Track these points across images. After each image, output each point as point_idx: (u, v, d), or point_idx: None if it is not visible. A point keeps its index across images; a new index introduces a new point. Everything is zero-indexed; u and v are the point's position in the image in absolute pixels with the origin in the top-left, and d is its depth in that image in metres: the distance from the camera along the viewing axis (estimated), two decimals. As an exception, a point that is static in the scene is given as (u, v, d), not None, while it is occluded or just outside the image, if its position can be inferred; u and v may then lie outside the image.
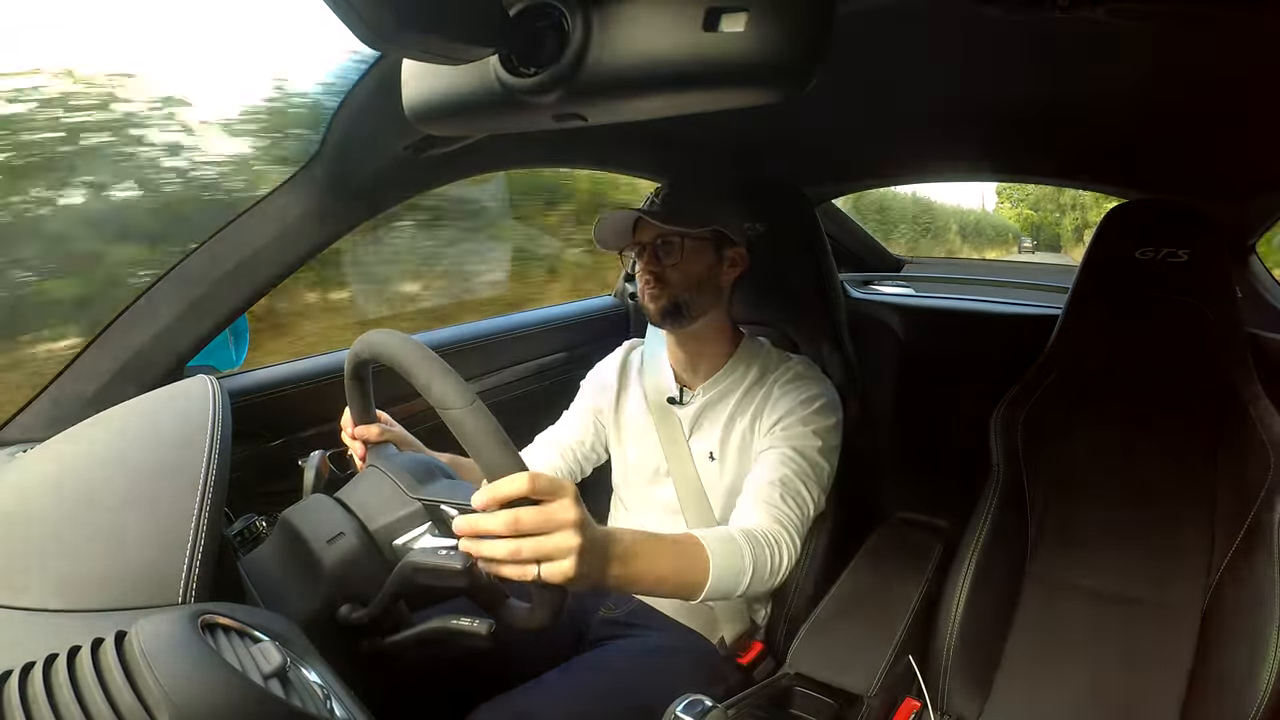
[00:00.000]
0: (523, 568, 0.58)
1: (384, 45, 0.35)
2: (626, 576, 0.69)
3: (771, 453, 0.97)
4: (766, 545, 0.85)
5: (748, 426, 1.02)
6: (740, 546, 0.82)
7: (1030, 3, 0.58)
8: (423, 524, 0.66)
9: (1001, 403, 1.15)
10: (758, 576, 0.83)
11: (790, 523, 0.90)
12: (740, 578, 0.81)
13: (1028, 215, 11.73)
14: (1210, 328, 1.03)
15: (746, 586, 0.82)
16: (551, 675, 0.87)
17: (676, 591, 0.77)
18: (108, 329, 0.82)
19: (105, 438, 0.61)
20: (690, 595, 0.78)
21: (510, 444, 0.59)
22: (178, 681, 0.36)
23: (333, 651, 0.59)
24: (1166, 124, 0.96)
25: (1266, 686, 0.84)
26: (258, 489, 0.99)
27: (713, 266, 1.03)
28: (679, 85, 0.38)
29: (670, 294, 1.00)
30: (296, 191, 0.87)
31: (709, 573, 0.78)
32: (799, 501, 0.92)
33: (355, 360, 0.73)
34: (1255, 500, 0.96)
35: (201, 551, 0.49)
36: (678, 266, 1.00)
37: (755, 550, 0.83)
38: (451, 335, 1.36)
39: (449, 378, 0.60)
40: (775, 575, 0.86)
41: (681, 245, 1.00)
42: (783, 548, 0.87)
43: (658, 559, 0.74)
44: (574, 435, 1.14)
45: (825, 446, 0.99)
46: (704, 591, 0.78)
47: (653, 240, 1.01)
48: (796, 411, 0.99)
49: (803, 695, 0.92)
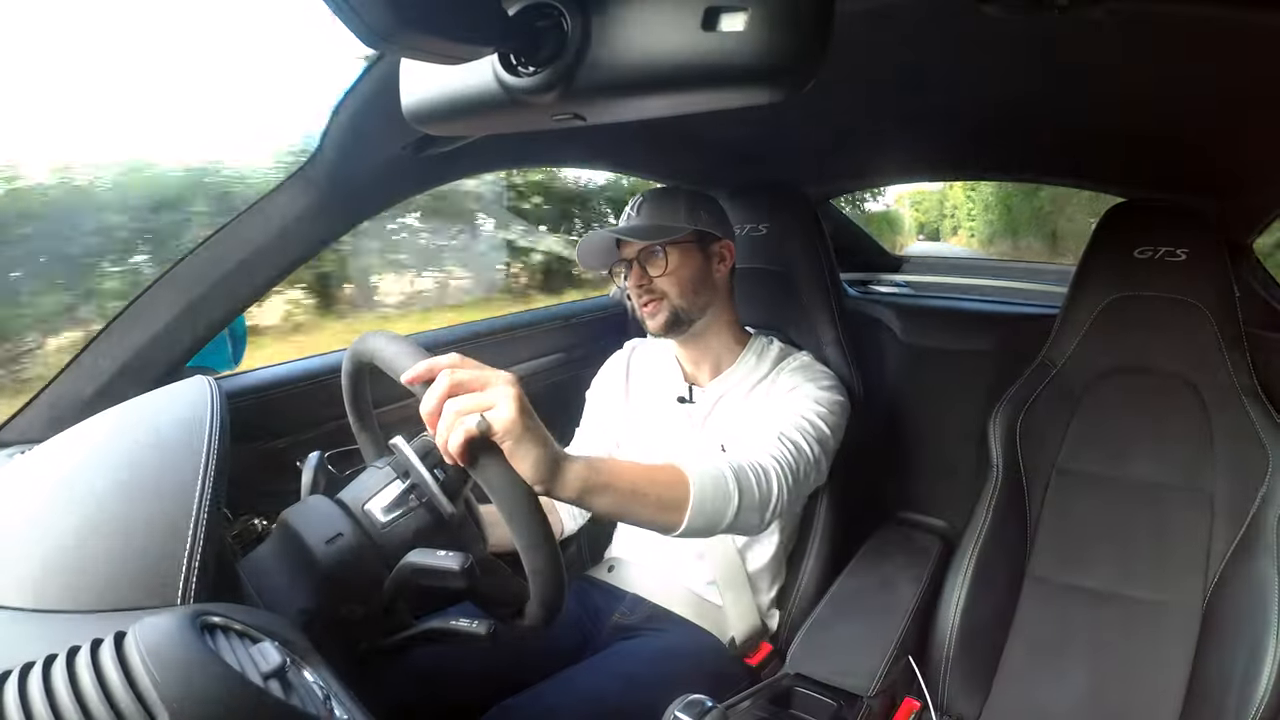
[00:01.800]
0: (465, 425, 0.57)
1: (383, 45, 0.35)
2: (594, 481, 0.65)
3: (773, 414, 0.97)
4: (754, 474, 0.81)
5: (757, 410, 1.02)
6: (724, 473, 0.78)
7: (1030, 3, 0.58)
8: (389, 482, 0.66)
9: (1000, 402, 1.15)
10: (745, 504, 0.78)
11: (784, 460, 0.86)
12: (726, 505, 0.76)
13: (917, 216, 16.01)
14: (1208, 326, 1.03)
15: (733, 517, 0.77)
16: (560, 677, 0.87)
17: (654, 514, 0.72)
18: (106, 329, 0.82)
19: (104, 438, 0.61)
20: (670, 519, 0.73)
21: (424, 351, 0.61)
22: (176, 682, 0.36)
23: (333, 651, 0.59)
24: (1166, 124, 0.96)
25: (1266, 686, 0.84)
26: (258, 489, 0.99)
27: (703, 266, 1.03)
28: (678, 85, 0.38)
29: (669, 305, 1.00)
30: (295, 191, 0.87)
31: (690, 495, 0.73)
32: (795, 447, 0.89)
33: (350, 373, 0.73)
34: (1254, 500, 0.96)
35: (201, 552, 0.49)
36: (667, 275, 1.00)
37: (741, 478, 0.79)
38: (451, 335, 1.36)
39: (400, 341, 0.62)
40: (765, 508, 0.82)
41: (666, 254, 0.99)
42: (773, 479, 0.83)
43: (630, 471, 0.70)
44: (591, 449, 1.14)
45: (830, 416, 0.97)
46: (686, 515, 0.73)
47: (637, 255, 1.01)
48: (804, 386, 0.99)
49: (803, 695, 0.92)
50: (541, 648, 0.93)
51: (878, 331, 1.48)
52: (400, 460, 0.66)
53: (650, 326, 1.02)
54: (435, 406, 0.58)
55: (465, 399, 0.58)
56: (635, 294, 1.02)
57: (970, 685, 1.04)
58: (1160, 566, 1.03)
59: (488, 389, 0.59)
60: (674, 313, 1.01)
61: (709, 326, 1.05)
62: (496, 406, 0.58)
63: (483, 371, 0.60)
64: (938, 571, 1.16)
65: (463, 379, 0.59)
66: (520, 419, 0.59)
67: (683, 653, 0.97)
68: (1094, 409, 1.11)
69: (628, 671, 0.90)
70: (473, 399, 0.58)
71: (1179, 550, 1.02)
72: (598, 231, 1.02)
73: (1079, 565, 1.08)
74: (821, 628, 1.00)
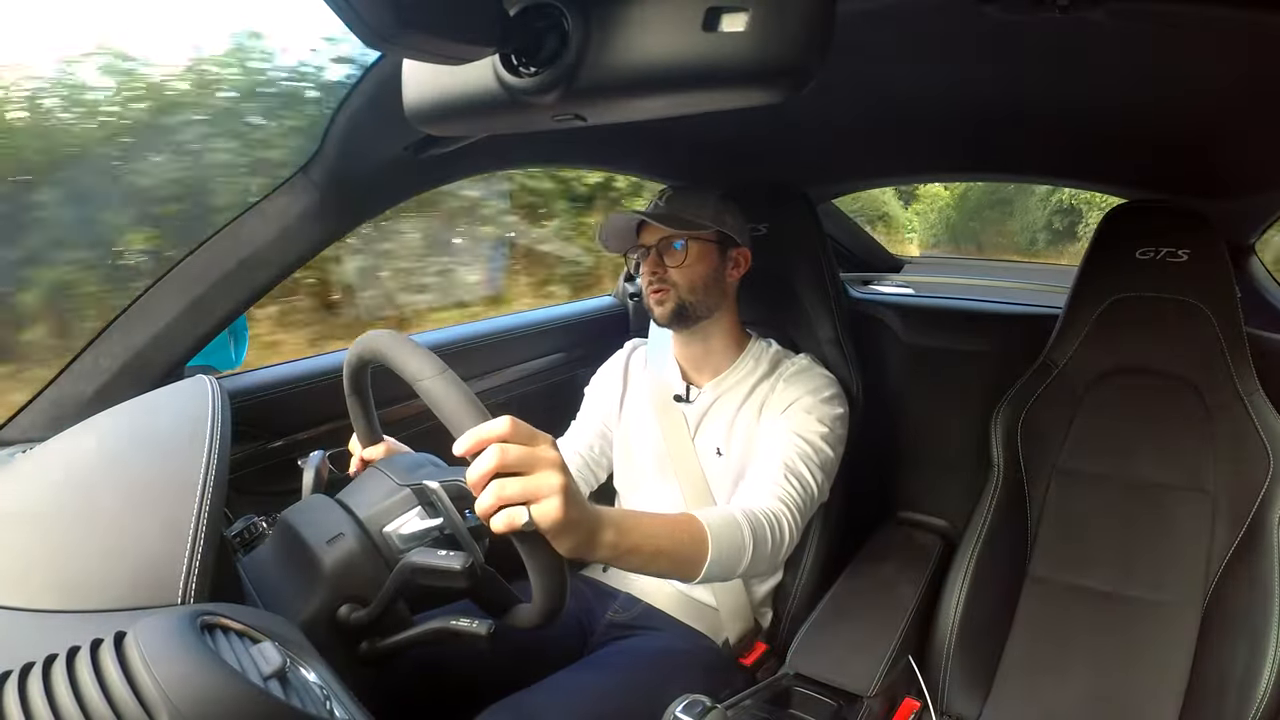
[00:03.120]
0: (511, 516, 0.56)
1: (384, 45, 0.35)
2: (623, 545, 0.66)
3: (776, 437, 0.97)
4: (767, 523, 0.84)
5: (754, 418, 1.02)
6: (740, 525, 0.80)
7: (1030, 3, 0.58)
8: (411, 509, 0.66)
9: (1001, 402, 1.15)
10: (759, 554, 0.81)
11: (792, 501, 0.88)
12: (741, 556, 0.79)
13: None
14: (1210, 327, 1.03)
15: (747, 565, 0.80)
16: (557, 676, 0.87)
17: (675, 568, 0.74)
18: (107, 329, 0.82)
19: (105, 438, 0.61)
20: (689, 573, 0.75)
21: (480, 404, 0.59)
22: (177, 682, 0.36)
23: (333, 651, 0.59)
24: (1166, 124, 0.96)
25: (1266, 686, 0.84)
26: (258, 489, 0.99)
27: (717, 268, 1.03)
28: (679, 85, 0.38)
29: (676, 296, 1.00)
30: (296, 191, 0.87)
31: (709, 550, 0.75)
32: (801, 482, 0.91)
33: (352, 369, 0.73)
34: (1255, 500, 0.96)
35: (201, 552, 0.49)
36: (682, 269, 1.00)
37: (755, 528, 0.81)
38: (451, 336, 1.36)
39: (418, 351, 0.60)
40: (777, 554, 0.85)
41: (686, 248, 1.00)
42: (784, 525, 0.85)
43: (655, 531, 0.71)
44: (584, 441, 1.14)
45: (831, 435, 0.98)
46: (704, 569, 0.75)
47: (657, 243, 1.01)
48: (804, 400, 0.99)
49: (803, 695, 0.92)
50: (539, 646, 0.93)
51: (878, 331, 1.48)
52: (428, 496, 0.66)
53: (656, 313, 1.03)
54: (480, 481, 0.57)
55: (512, 487, 0.57)
56: (646, 281, 1.02)
57: (970, 685, 1.04)
58: (1161, 567, 1.03)
59: (535, 474, 0.58)
60: (680, 305, 1.01)
61: (712, 328, 1.05)
62: (542, 500, 0.57)
63: (533, 451, 0.58)
64: (938, 571, 1.16)
65: (510, 461, 0.57)
66: (565, 516, 0.58)
67: (678, 652, 0.97)
68: (1095, 409, 1.11)
69: (624, 672, 0.90)
70: (519, 488, 0.57)
71: (1180, 550, 1.02)
72: (623, 213, 1.02)
73: (1080, 565, 1.08)
74: (821, 627, 1.00)
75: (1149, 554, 1.04)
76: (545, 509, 0.57)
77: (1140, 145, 1.09)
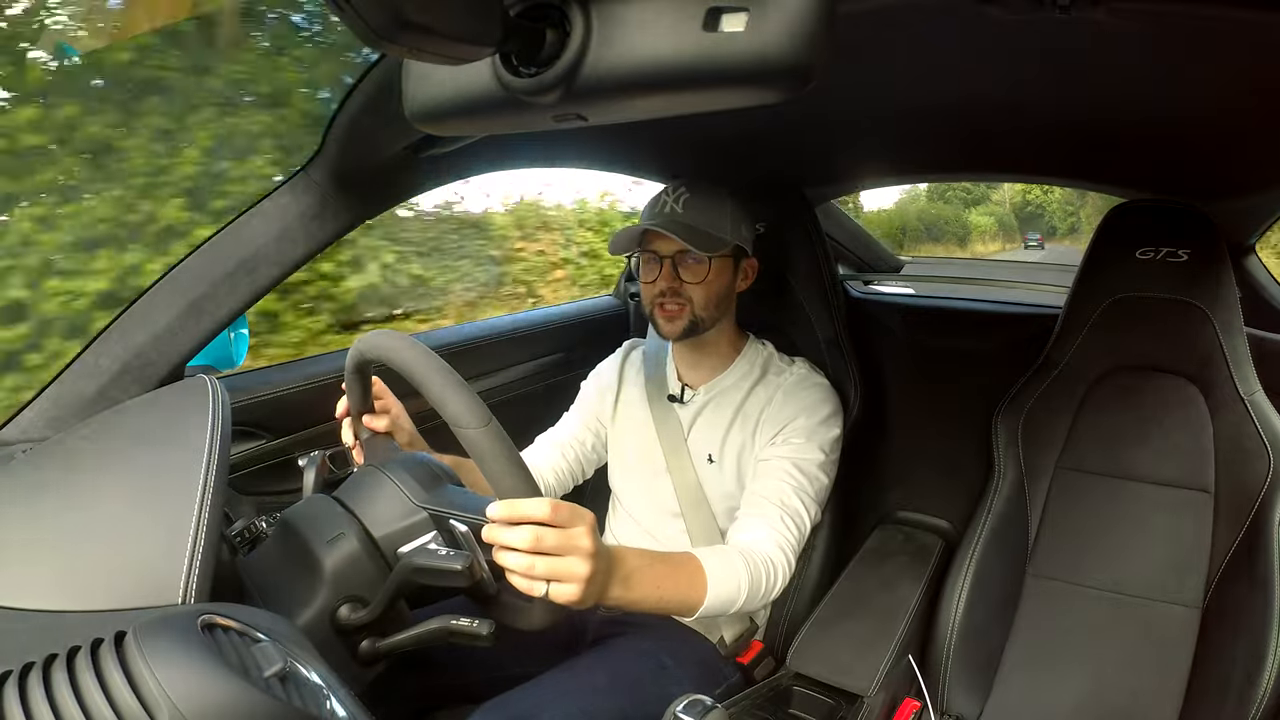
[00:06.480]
0: (532, 584, 0.61)
1: (384, 45, 0.35)
2: (627, 598, 0.71)
3: (773, 464, 0.97)
4: (764, 567, 0.87)
5: (749, 434, 1.02)
6: (738, 570, 0.84)
7: (1030, 3, 0.58)
8: (428, 533, 0.65)
9: (1002, 402, 1.15)
10: (751, 597, 0.85)
11: (789, 545, 0.92)
12: (735, 598, 0.84)
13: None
14: (1210, 327, 1.03)
15: (740, 606, 0.84)
16: (552, 675, 0.87)
17: (674, 610, 0.80)
18: (108, 329, 0.82)
19: (105, 438, 0.61)
20: (684, 614, 0.81)
21: (527, 468, 0.61)
22: (177, 682, 0.36)
23: (333, 651, 0.59)
24: (1166, 124, 0.96)
25: (1266, 686, 0.84)
26: (258, 489, 0.99)
27: (730, 281, 1.02)
28: (679, 85, 0.38)
29: (690, 314, 0.98)
30: (296, 191, 0.87)
31: (706, 594, 0.80)
32: (798, 523, 0.94)
33: (359, 359, 0.73)
34: (1255, 500, 0.96)
35: (201, 551, 0.49)
36: (702, 284, 0.97)
37: (753, 573, 0.85)
38: (451, 335, 1.36)
39: (464, 394, 0.60)
40: (769, 596, 0.89)
41: (709, 265, 0.97)
42: (778, 571, 0.89)
43: (660, 581, 0.76)
44: (574, 435, 1.14)
45: (826, 461, 0.99)
46: (699, 610, 0.80)
47: (673, 255, 0.98)
48: (799, 421, 0.99)
49: (803, 695, 0.92)
50: (537, 642, 0.93)
51: (878, 331, 1.48)
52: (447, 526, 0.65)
53: (666, 330, 1.00)
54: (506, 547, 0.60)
55: (540, 566, 0.60)
56: (658, 291, 0.98)
57: (971, 685, 1.04)
58: (1161, 566, 1.03)
59: (565, 558, 0.61)
60: (694, 321, 0.99)
61: (714, 334, 1.05)
62: (564, 584, 0.61)
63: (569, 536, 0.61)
64: (938, 571, 1.16)
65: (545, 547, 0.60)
66: (583, 597, 0.62)
67: (674, 652, 0.97)
68: (1096, 409, 1.11)
69: (618, 669, 0.90)
70: (546, 569, 0.60)
71: (1180, 550, 1.02)
72: (639, 225, 0.98)
73: (1080, 565, 1.08)
74: (822, 627, 1.00)
75: (1149, 554, 1.04)
76: (564, 591, 0.61)
77: (1140, 145, 1.09)
